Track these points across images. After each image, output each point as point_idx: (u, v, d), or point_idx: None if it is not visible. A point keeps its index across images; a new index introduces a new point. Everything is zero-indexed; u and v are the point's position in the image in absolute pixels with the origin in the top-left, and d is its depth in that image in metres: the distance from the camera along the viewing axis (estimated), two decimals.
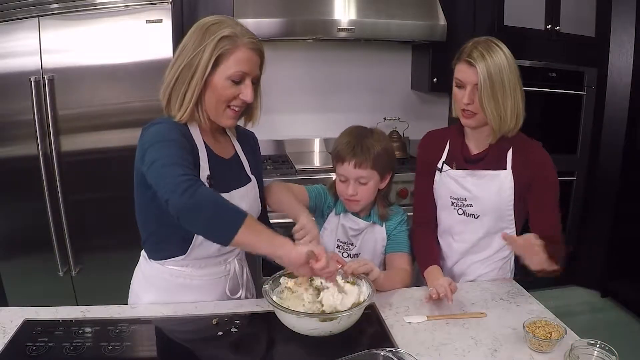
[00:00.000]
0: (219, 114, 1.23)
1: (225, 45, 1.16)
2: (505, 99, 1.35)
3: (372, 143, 1.44)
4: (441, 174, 1.52)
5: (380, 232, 1.54)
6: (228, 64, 1.17)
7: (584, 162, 3.16)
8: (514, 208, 1.45)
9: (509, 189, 1.43)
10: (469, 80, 1.36)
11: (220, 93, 1.19)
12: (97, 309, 1.28)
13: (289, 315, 1.12)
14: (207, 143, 1.27)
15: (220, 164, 1.29)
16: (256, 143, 1.48)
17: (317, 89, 3.12)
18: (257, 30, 2.46)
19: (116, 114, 2.27)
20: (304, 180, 2.60)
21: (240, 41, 1.17)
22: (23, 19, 2.17)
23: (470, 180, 1.47)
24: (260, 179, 1.45)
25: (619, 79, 3.04)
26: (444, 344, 1.16)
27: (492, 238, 1.50)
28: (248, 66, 1.19)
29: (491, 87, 1.33)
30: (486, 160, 1.45)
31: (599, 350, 1.04)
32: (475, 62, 1.33)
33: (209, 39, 1.15)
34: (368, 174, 1.44)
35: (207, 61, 1.15)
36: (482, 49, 1.34)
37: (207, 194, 1.06)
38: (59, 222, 2.32)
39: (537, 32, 2.91)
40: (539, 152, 1.45)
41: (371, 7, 2.61)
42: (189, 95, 1.18)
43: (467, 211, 1.49)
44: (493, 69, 1.33)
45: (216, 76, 1.18)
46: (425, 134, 1.64)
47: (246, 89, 1.20)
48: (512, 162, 1.43)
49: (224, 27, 1.17)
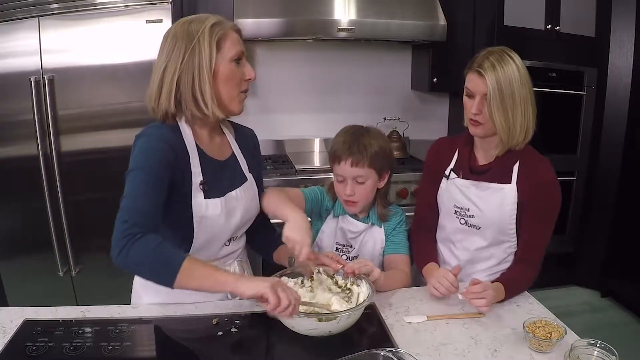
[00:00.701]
0: (231, 100, 1.24)
1: (219, 31, 1.19)
2: (515, 110, 1.33)
3: (369, 141, 1.42)
4: (447, 182, 1.52)
5: (379, 233, 1.54)
6: (228, 47, 1.20)
7: (584, 162, 3.16)
8: (516, 223, 1.44)
9: (511, 204, 1.42)
10: (478, 90, 1.35)
11: (231, 77, 1.21)
12: (97, 309, 1.28)
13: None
14: (200, 146, 1.27)
15: (214, 167, 1.28)
16: (255, 141, 1.47)
17: (317, 89, 3.12)
18: (257, 30, 2.54)
19: (116, 114, 2.28)
20: (304, 180, 2.60)
21: (227, 25, 1.22)
22: (23, 19, 2.17)
23: (474, 192, 1.46)
24: (260, 178, 1.45)
25: (619, 79, 3.03)
26: (444, 344, 1.16)
27: (493, 250, 1.49)
28: (240, 46, 1.23)
29: (500, 98, 1.32)
30: (491, 172, 1.44)
31: (599, 350, 1.04)
32: (485, 72, 1.32)
33: (199, 33, 1.16)
34: (365, 173, 1.42)
35: (210, 50, 1.17)
36: (493, 60, 1.33)
37: (140, 250, 1.08)
38: (59, 222, 2.32)
39: (537, 32, 2.91)
40: (546, 173, 1.41)
41: (371, 7, 2.61)
42: (206, 93, 1.18)
43: (469, 221, 1.49)
44: (503, 80, 1.31)
45: (221, 64, 1.19)
46: (435, 140, 1.63)
47: (247, 67, 1.25)
48: (517, 177, 1.41)
49: (205, 19, 1.19)
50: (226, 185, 1.30)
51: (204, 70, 1.16)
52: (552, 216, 1.43)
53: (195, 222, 1.24)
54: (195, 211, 1.23)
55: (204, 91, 1.18)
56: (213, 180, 1.26)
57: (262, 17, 2.52)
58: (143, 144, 1.18)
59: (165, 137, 1.20)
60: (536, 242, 1.43)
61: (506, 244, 1.48)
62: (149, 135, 1.20)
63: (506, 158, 1.42)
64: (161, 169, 1.16)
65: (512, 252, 1.50)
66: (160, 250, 1.09)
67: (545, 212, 1.41)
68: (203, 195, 1.24)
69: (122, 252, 1.08)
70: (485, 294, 1.24)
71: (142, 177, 1.14)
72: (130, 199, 1.13)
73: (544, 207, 1.40)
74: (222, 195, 1.27)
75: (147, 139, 1.19)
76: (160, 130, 1.21)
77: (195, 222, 1.24)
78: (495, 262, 1.51)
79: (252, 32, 2.53)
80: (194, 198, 1.23)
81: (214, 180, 1.26)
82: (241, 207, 1.32)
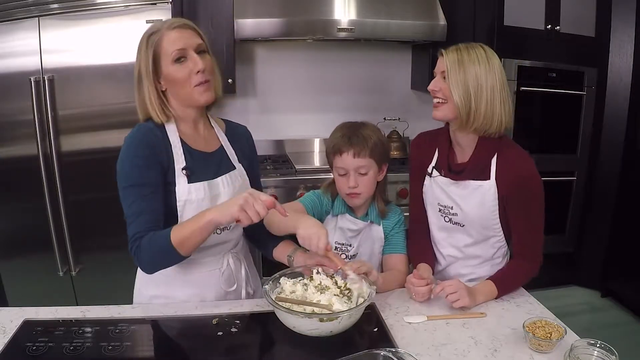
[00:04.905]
0: (190, 96, 1.27)
1: (154, 39, 1.24)
2: (479, 94, 1.33)
3: (368, 133, 1.45)
4: (431, 179, 1.53)
5: (377, 231, 1.54)
6: (165, 51, 1.23)
7: (584, 162, 3.16)
8: (499, 217, 1.44)
9: (492, 200, 1.41)
10: (438, 69, 1.40)
11: (176, 78, 1.25)
12: (97, 309, 1.28)
13: (290, 315, 1.12)
14: (185, 140, 1.31)
15: (199, 158, 1.32)
16: (249, 139, 1.50)
17: (317, 89, 3.12)
18: (257, 31, 2.54)
19: (116, 114, 2.28)
20: (303, 180, 2.60)
21: (164, 28, 1.24)
22: (23, 19, 2.17)
23: (455, 190, 1.47)
24: (254, 174, 1.48)
25: (619, 79, 3.03)
26: (444, 344, 1.16)
27: (480, 246, 1.50)
28: (181, 42, 1.23)
29: (461, 72, 1.33)
30: (469, 169, 1.44)
31: (599, 350, 1.04)
32: (446, 52, 1.37)
33: (141, 44, 1.26)
34: (367, 163, 1.44)
35: (147, 59, 1.24)
36: (461, 46, 1.37)
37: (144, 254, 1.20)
38: (59, 222, 2.32)
39: (537, 32, 2.91)
40: (525, 166, 1.40)
41: (371, 7, 2.61)
42: (152, 98, 1.26)
43: (453, 219, 1.49)
44: (466, 58, 1.33)
45: (164, 69, 1.24)
46: (416, 136, 1.63)
47: (193, 60, 1.24)
48: (496, 172, 1.41)
49: (150, 30, 1.26)
50: (211, 173, 1.33)
51: (149, 79, 1.24)
52: (536, 208, 1.41)
53: (179, 207, 1.27)
54: (178, 196, 1.27)
55: (153, 98, 1.26)
56: (197, 168, 1.30)
57: (262, 17, 2.52)
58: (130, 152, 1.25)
59: (147, 136, 1.26)
60: (527, 236, 1.43)
61: (493, 239, 1.48)
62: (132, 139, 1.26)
63: (483, 152, 1.42)
64: (151, 174, 1.23)
65: (500, 247, 1.50)
66: (153, 243, 1.19)
67: (528, 205, 1.41)
68: (186, 180, 1.28)
69: (138, 261, 1.24)
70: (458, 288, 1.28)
71: (136, 195, 1.21)
72: (131, 217, 1.22)
73: (526, 200, 1.40)
74: (205, 180, 1.31)
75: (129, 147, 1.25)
76: (145, 128, 1.28)
77: (179, 207, 1.27)
78: (484, 258, 1.51)
79: (252, 32, 2.53)
80: (178, 184, 1.27)
81: (198, 169, 1.31)
82: (228, 193, 1.34)
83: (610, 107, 3.08)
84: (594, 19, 3.01)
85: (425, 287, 1.33)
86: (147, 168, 1.23)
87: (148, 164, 1.23)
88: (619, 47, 3.00)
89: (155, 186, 1.24)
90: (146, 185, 1.22)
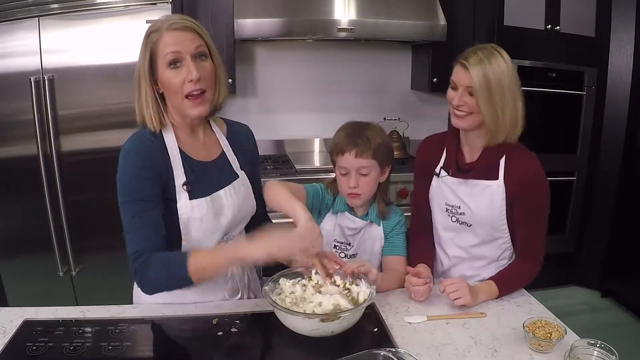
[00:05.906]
0: (181, 107, 1.22)
1: (153, 39, 1.18)
2: (504, 105, 1.34)
3: (372, 134, 1.45)
4: (438, 180, 1.53)
5: (377, 231, 1.54)
6: (162, 53, 1.18)
7: (584, 162, 3.16)
8: (506, 218, 1.44)
9: (500, 200, 1.42)
10: (461, 83, 1.37)
11: (169, 84, 1.19)
12: (97, 309, 1.28)
13: (290, 315, 1.12)
14: (183, 149, 1.26)
15: (199, 169, 1.27)
16: (251, 138, 1.46)
17: (317, 89, 3.12)
18: (257, 30, 2.54)
19: (116, 114, 2.28)
20: (304, 180, 2.59)
21: (163, 28, 1.18)
22: (23, 19, 2.17)
23: (463, 190, 1.47)
24: (255, 175, 1.44)
25: (619, 79, 3.03)
26: (444, 344, 1.16)
27: (486, 247, 1.50)
28: (178, 45, 1.17)
29: (488, 91, 1.33)
30: (478, 169, 1.44)
31: (599, 350, 1.04)
32: (470, 65, 1.34)
33: (143, 43, 1.20)
34: (369, 164, 1.44)
35: (144, 60, 1.19)
36: (481, 55, 1.35)
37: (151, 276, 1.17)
38: (59, 222, 2.32)
39: (537, 32, 2.91)
40: (532, 167, 1.42)
41: (371, 7, 2.61)
42: (149, 100, 1.21)
43: (460, 219, 1.49)
44: (492, 74, 1.32)
45: (160, 72, 1.19)
46: (424, 139, 1.64)
47: (186, 68, 1.18)
48: (504, 172, 1.42)
49: (151, 28, 1.20)
50: (213, 185, 1.29)
51: (146, 80, 1.20)
52: (542, 209, 1.43)
53: (181, 224, 1.23)
54: (181, 213, 1.23)
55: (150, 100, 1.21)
56: (198, 181, 1.26)
57: (262, 17, 2.52)
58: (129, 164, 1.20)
59: (145, 144, 1.22)
60: (531, 237, 1.44)
61: (499, 241, 1.48)
62: (129, 150, 1.21)
63: (492, 153, 1.43)
64: (151, 187, 1.19)
65: (506, 249, 1.50)
66: (166, 266, 1.16)
67: (535, 206, 1.42)
68: (187, 196, 1.23)
69: (141, 283, 1.20)
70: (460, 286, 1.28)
71: (136, 210, 1.17)
72: (131, 233, 1.18)
73: (533, 200, 1.41)
74: (207, 194, 1.26)
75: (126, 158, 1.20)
76: (141, 137, 1.23)
77: (182, 224, 1.23)
78: (490, 260, 1.51)
79: (252, 32, 2.53)
80: (179, 200, 1.23)
81: (199, 182, 1.26)
82: (232, 205, 1.30)
83: (610, 107, 3.08)
84: (594, 19, 3.01)
85: (423, 286, 1.33)
86: (146, 180, 1.18)
87: (147, 176, 1.19)
88: (619, 47, 3.00)
89: (156, 200, 1.19)
90: (147, 200, 1.18)
